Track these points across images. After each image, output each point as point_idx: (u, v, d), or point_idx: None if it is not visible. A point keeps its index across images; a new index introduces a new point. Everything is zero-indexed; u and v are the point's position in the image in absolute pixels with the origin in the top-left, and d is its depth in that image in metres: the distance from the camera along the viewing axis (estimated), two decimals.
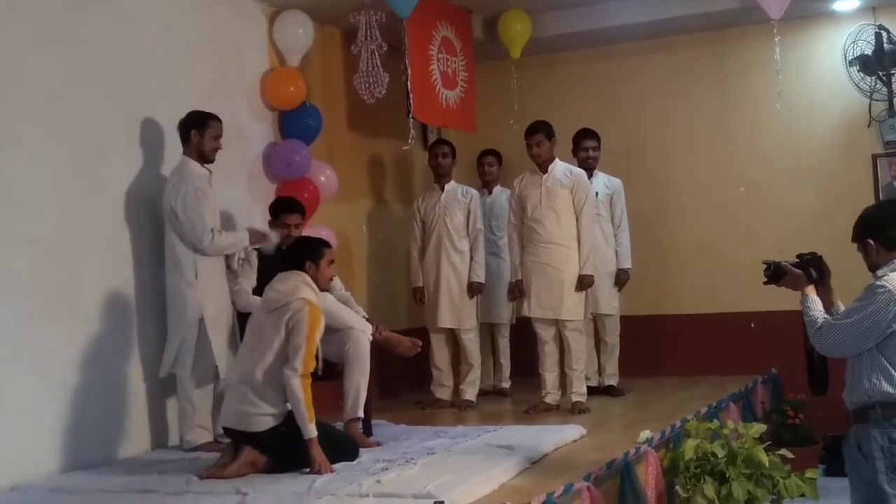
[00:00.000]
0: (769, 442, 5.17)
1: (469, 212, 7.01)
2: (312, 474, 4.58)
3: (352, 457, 4.88)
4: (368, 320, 5.66)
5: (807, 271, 4.01)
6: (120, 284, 5.49)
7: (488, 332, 7.51)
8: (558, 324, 6.45)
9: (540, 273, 6.43)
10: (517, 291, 6.60)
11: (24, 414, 4.90)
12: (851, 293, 3.84)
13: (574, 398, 6.41)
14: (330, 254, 5.06)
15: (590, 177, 6.95)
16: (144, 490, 4.57)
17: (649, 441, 5.05)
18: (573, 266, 6.40)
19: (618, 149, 7.66)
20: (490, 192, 7.53)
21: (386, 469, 4.59)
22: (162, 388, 5.67)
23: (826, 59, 7.73)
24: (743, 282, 7.42)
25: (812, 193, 7.70)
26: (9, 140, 4.95)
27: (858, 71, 7.58)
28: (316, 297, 4.90)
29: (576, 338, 6.43)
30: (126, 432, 5.47)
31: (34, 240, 5.01)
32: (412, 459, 4.80)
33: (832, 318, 3.85)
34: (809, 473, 5.06)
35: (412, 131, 6.77)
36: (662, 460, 5.04)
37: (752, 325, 7.73)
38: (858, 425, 3.77)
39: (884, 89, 7.53)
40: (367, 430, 5.54)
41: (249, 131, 6.57)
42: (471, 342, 7.00)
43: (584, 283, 6.41)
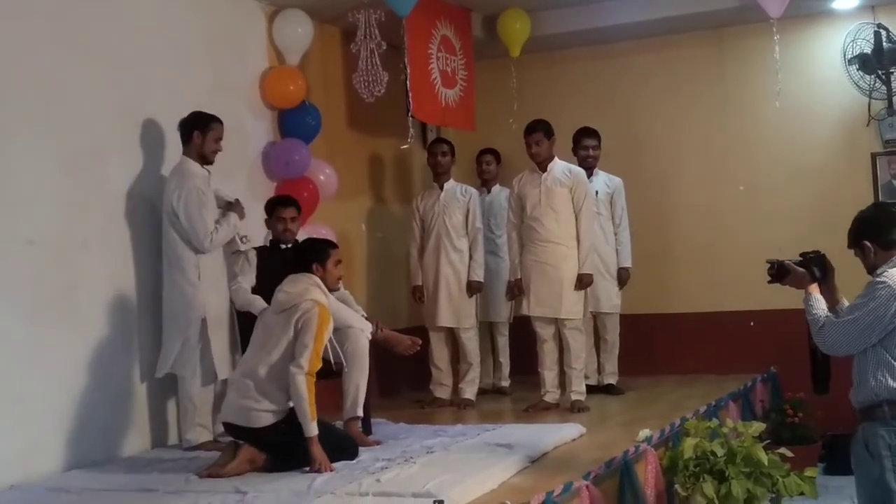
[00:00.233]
0: (768, 441, 5.18)
1: (468, 210, 7.01)
2: (312, 473, 4.58)
3: (351, 456, 4.88)
4: (368, 319, 5.67)
5: (810, 270, 4.01)
6: (120, 284, 5.49)
7: (487, 331, 7.50)
8: (557, 322, 6.45)
9: (539, 272, 6.43)
10: (516, 290, 6.61)
11: (24, 413, 4.90)
12: (854, 290, 3.84)
13: (573, 397, 6.41)
14: (336, 254, 5.12)
15: (590, 175, 6.96)
16: (144, 489, 4.57)
17: (648, 440, 5.06)
18: (572, 265, 6.40)
19: (616, 147, 7.64)
20: (489, 191, 7.53)
21: (385, 468, 4.59)
22: (162, 388, 5.67)
23: (825, 58, 7.72)
24: (742, 280, 7.43)
25: (811, 192, 7.69)
26: (9, 140, 4.94)
27: (857, 69, 7.58)
28: (325, 299, 4.94)
29: (575, 336, 6.43)
30: (126, 431, 5.47)
31: (34, 239, 5.01)
32: (411, 458, 4.81)
33: (834, 317, 3.86)
34: (808, 472, 5.06)
35: (411, 130, 6.79)
36: (662, 459, 5.04)
37: (752, 324, 7.72)
38: (866, 423, 3.78)
39: (883, 88, 7.52)
40: (367, 429, 5.54)
41: (249, 130, 6.57)
42: (470, 341, 7.00)
43: (584, 282, 6.42)
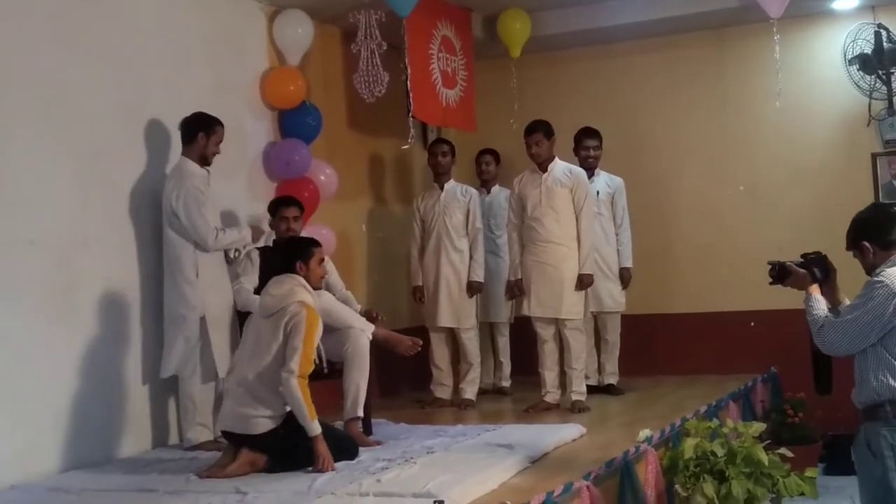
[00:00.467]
0: (769, 441, 5.17)
1: (468, 211, 7.01)
2: (316, 471, 4.58)
3: (351, 456, 4.88)
4: (367, 309, 5.66)
5: (811, 271, 4.01)
6: (120, 284, 5.49)
7: (488, 331, 7.50)
8: (558, 323, 6.45)
9: (540, 272, 6.43)
10: (516, 290, 6.61)
11: (25, 413, 4.90)
12: (856, 290, 3.84)
13: (574, 397, 6.41)
14: (319, 253, 5.06)
15: (591, 176, 6.96)
16: (144, 489, 4.57)
17: (649, 440, 5.06)
18: (573, 265, 6.40)
19: (616, 148, 7.64)
20: (488, 192, 7.53)
21: (386, 468, 4.59)
22: (163, 387, 5.67)
23: (825, 58, 7.73)
24: (742, 280, 7.44)
25: (812, 192, 7.69)
26: (9, 140, 4.94)
27: (858, 70, 7.58)
28: (312, 299, 4.90)
29: (575, 337, 6.43)
30: (126, 431, 5.47)
31: (34, 239, 5.01)
32: (412, 458, 4.81)
33: (834, 317, 3.86)
34: (809, 472, 5.06)
35: (412, 130, 6.78)
36: (662, 459, 5.04)
37: (752, 324, 7.72)
38: (868, 423, 3.78)
39: (883, 88, 7.53)
40: (367, 430, 5.54)
41: (249, 130, 6.57)
42: (470, 341, 7.00)
43: (584, 283, 6.42)
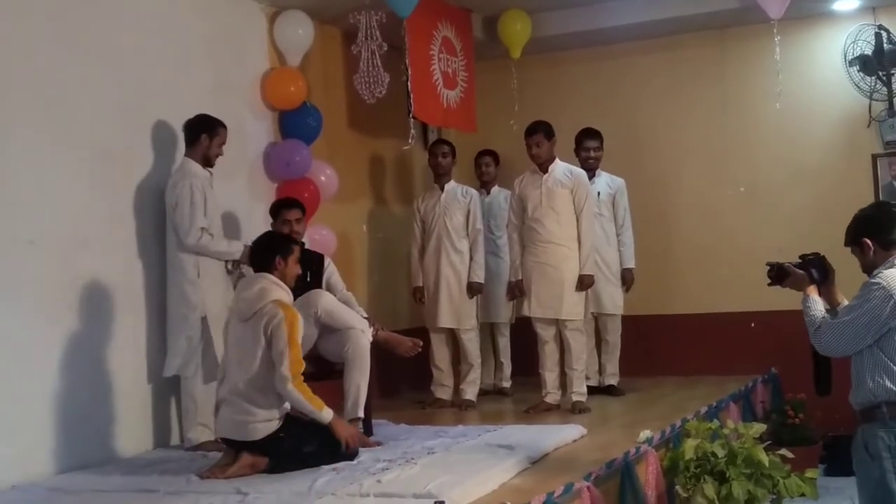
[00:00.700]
0: (769, 442, 5.17)
1: (469, 212, 7.01)
2: (349, 455, 4.79)
3: (352, 456, 4.88)
4: (368, 320, 5.65)
5: (808, 272, 4.01)
6: (121, 284, 5.48)
7: (488, 332, 7.51)
8: (558, 323, 6.45)
9: (540, 273, 6.43)
10: (517, 291, 6.61)
11: (25, 413, 4.90)
12: (853, 291, 3.84)
13: (574, 398, 6.41)
14: (298, 252, 5.01)
15: (592, 177, 6.96)
16: (145, 490, 4.57)
17: (649, 441, 5.06)
18: (573, 266, 6.40)
19: (617, 148, 7.64)
20: (488, 193, 7.53)
21: (386, 469, 4.59)
22: (164, 388, 5.67)
23: (826, 59, 7.73)
24: (742, 281, 7.43)
25: (812, 193, 7.70)
26: (9, 140, 4.94)
27: (858, 71, 7.58)
28: (287, 296, 4.85)
29: (576, 337, 6.43)
30: (127, 431, 5.46)
31: (34, 239, 5.01)
32: (412, 459, 4.80)
33: (831, 318, 3.86)
34: (809, 473, 5.06)
35: (412, 131, 6.78)
36: (662, 460, 5.04)
37: (752, 325, 7.73)
38: (865, 425, 3.78)
39: (884, 89, 7.53)
40: (368, 430, 5.54)
41: (250, 131, 6.57)
42: (470, 342, 7.00)
43: (584, 283, 6.41)
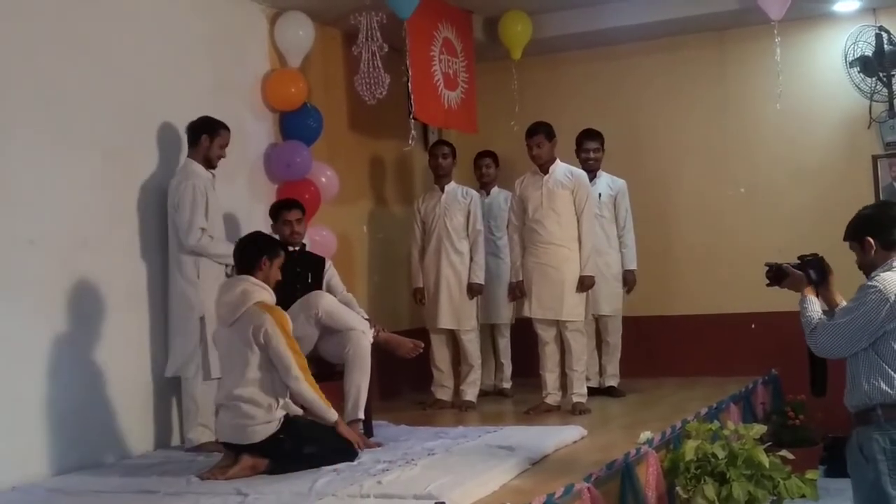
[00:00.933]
0: (769, 443, 5.17)
1: (469, 213, 7.01)
2: (356, 451, 4.88)
3: (352, 457, 4.88)
4: (368, 321, 5.66)
5: (806, 272, 4.01)
6: (122, 284, 5.49)
7: (489, 333, 7.51)
8: (559, 324, 6.45)
9: (541, 274, 6.43)
10: (517, 292, 6.61)
11: (25, 413, 4.90)
12: (852, 292, 3.83)
13: (574, 399, 6.41)
14: (283, 257, 4.99)
15: (593, 178, 6.96)
16: (145, 490, 4.57)
17: (650, 442, 5.05)
18: (574, 267, 6.40)
19: (617, 149, 7.63)
20: (488, 194, 7.53)
21: (386, 470, 4.59)
22: (165, 388, 5.67)
23: (826, 61, 7.73)
24: (743, 282, 7.43)
25: (812, 194, 7.70)
26: (9, 140, 4.95)
27: (859, 72, 7.58)
28: (270, 297, 4.83)
29: (576, 338, 6.43)
30: (128, 432, 5.47)
31: (34, 239, 5.01)
32: (413, 460, 4.81)
33: (827, 319, 3.86)
34: (810, 474, 5.06)
35: (413, 132, 6.78)
36: (663, 461, 5.03)
37: (753, 326, 7.73)
38: (860, 427, 3.77)
39: (884, 90, 7.53)
40: (368, 431, 5.53)
41: (250, 132, 6.57)
42: (471, 343, 7.00)
43: (585, 284, 6.42)
